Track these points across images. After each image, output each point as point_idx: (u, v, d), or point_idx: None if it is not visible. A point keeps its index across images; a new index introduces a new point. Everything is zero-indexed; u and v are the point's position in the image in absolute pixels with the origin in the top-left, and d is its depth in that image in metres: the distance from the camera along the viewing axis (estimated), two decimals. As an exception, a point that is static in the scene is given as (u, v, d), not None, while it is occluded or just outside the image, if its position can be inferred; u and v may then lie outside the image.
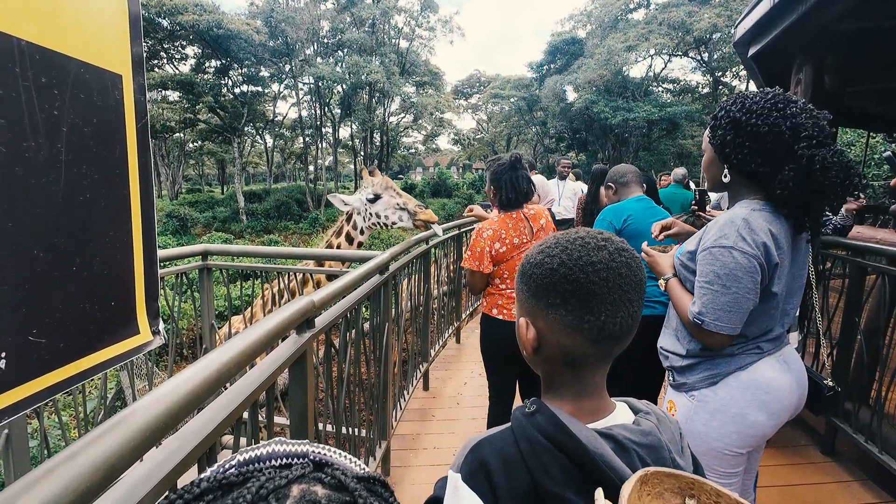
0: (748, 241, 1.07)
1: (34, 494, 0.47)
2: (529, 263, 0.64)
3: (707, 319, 1.10)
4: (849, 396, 2.30)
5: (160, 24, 19.83)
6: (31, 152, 0.47)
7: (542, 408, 0.59)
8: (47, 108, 0.48)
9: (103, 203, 0.57)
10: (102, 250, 0.58)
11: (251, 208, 21.95)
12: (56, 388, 0.54)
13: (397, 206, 3.30)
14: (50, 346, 0.51)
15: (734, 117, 1.10)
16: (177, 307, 2.55)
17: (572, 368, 0.62)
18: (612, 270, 0.58)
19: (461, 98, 35.40)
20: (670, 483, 0.45)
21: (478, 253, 1.97)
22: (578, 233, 0.63)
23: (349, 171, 33.71)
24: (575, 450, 0.54)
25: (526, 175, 2.06)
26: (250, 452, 0.35)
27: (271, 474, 0.32)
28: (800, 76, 2.78)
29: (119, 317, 0.63)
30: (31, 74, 0.46)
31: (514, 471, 0.55)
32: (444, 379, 3.57)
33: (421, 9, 26.35)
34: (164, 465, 0.73)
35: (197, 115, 22.80)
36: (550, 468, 0.54)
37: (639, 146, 24.70)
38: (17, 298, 0.47)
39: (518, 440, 0.57)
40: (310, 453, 0.35)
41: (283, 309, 1.18)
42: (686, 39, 22.62)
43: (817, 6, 2.20)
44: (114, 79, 0.58)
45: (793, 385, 1.18)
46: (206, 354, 0.84)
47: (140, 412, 0.64)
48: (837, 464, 2.31)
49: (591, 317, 0.58)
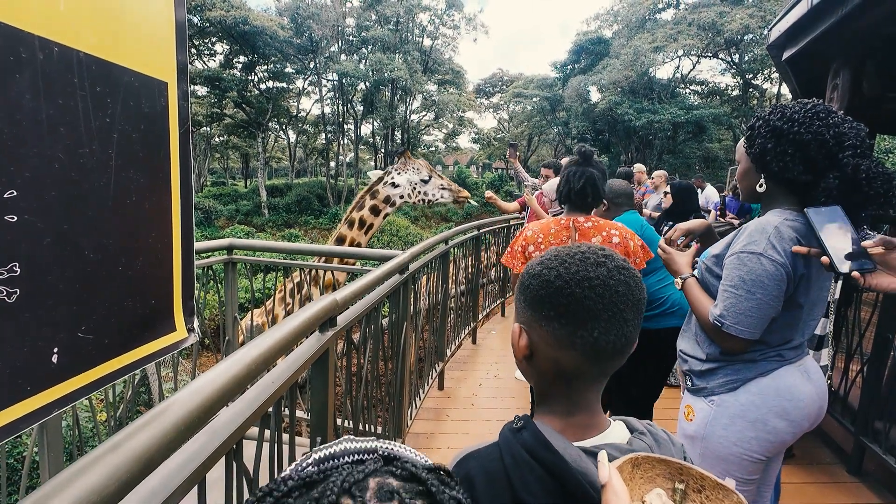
0: (777, 249, 1.07)
1: (82, 482, 0.49)
2: (528, 274, 0.64)
3: (728, 322, 1.11)
4: (880, 415, 2.22)
5: (191, 20, 20.31)
6: (86, 158, 0.49)
7: (528, 424, 0.59)
8: (101, 115, 0.50)
9: (147, 205, 0.60)
10: (145, 251, 0.60)
11: (273, 202, 22.33)
12: (100, 381, 0.56)
13: (442, 187, 3.98)
14: (96, 341, 0.54)
15: (775, 126, 1.10)
16: (202, 299, 2.62)
17: (564, 383, 0.62)
18: (609, 288, 0.58)
19: (483, 97, 35.25)
20: (661, 468, 0.47)
21: (515, 251, 1.90)
22: (581, 247, 0.63)
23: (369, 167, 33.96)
24: (556, 467, 0.54)
25: (591, 177, 1.82)
26: (325, 451, 0.37)
27: (349, 469, 0.34)
28: (836, 81, 2.69)
29: (158, 314, 0.66)
30: (87, 84, 0.48)
31: (496, 485, 0.56)
32: (460, 379, 3.57)
33: (446, 6, 26.33)
34: (195, 458, 0.75)
35: (223, 109, 23.30)
36: (532, 485, 0.54)
37: (663, 149, 24.19)
38: (69, 297, 0.49)
39: (503, 455, 0.57)
40: (379, 449, 0.37)
41: (308, 307, 1.20)
42: (716, 40, 22.02)
43: (859, 8, 2.12)
44: (160, 86, 0.60)
45: (813, 394, 1.18)
46: (236, 351, 0.86)
47: (176, 405, 0.67)
48: (864, 484, 2.24)
49: (584, 332, 0.58)
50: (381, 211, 3.95)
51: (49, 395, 0.48)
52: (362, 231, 3.97)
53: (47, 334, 0.47)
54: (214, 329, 5.54)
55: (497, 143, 34.36)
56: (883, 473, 2.22)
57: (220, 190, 27.32)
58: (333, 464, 0.36)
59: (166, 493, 0.65)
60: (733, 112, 23.65)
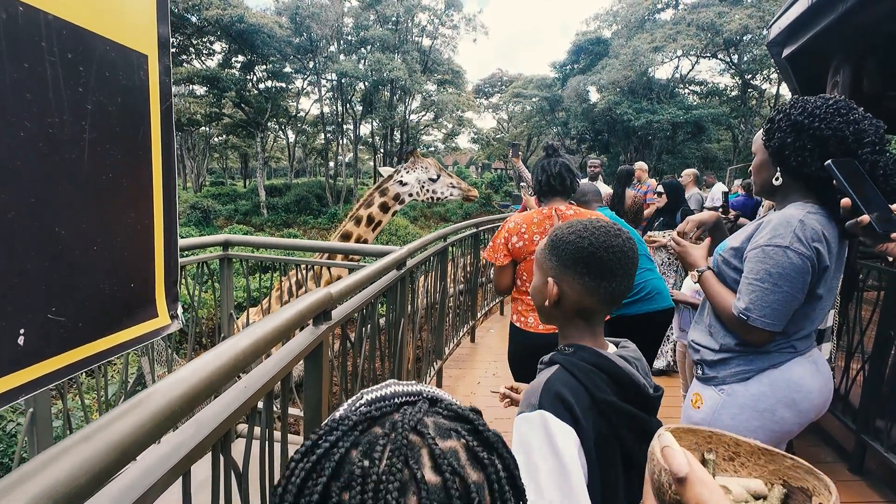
0: (804, 241, 1.08)
1: (51, 471, 0.47)
2: (561, 240, 0.83)
3: (754, 315, 1.12)
4: (881, 413, 2.20)
5: (189, 19, 20.29)
6: (56, 129, 0.47)
7: (577, 346, 0.81)
8: (73, 84, 0.48)
9: (126, 183, 0.57)
10: (123, 231, 0.58)
11: (272, 202, 22.29)
12: (74, 367, 0.53)
13: (451, 185, 4.08)
14: (68, 324, 0.51)
15: (795, 120, 1.10)
16: (197, 296, 2.59)
17: (584, 319, 0.84)
18: (624, 253, 0.80)
19: (482, 97, 35.24)
20: (688, 439, 0.45)
21: (497, 244, 1.92)
22: (600, 222, 0.84)
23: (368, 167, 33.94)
24: (612, 368, 0.77)
25: (563, 163, 1.93)
26: (375, 392, 0.40)
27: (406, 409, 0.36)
28: (837, 78, 2.67)
29: (138, 299, 0.63)
30: (57, 50, 0.45)
31: (578, 393, 0.74)
32: (458, 378, 3.55)
33: (445, 7, 26.32)
34: (180, 449, 0.72)
35: (222, 109, 23.25)
36: (601, 386, 0.75)
37: (662, 149, 24.20)
38: (37, 275, 0.47)
39: (572, 371, 0.77)
40: (423, 392, 0.40)
41: (301, 299, 1.17)
42: (715, 41, 22.04)
43: (860, 4, 2.10)
44: (140, 59, 0.57)
45: (822, 386, 1.20)
46: (224, 341, 0.83)
47: (157, 395, 0.64)
48: (866, 483, 2.21)
49: (606, 283, 0.80)
50: (390, 208, 4.01)
51: (15, 378, 0.45)
52: (370, 228, 3.97)
53: (11, 313, 0.44)
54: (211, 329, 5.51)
55: (496, 143, 34.35)
56: (885, 472, 2.20)
57: (219, 189, 27.28)
58: (385, 405, 0.37)
59: (146, 486, 0.62)
60: (732, 112, 23.68)
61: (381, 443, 0.33)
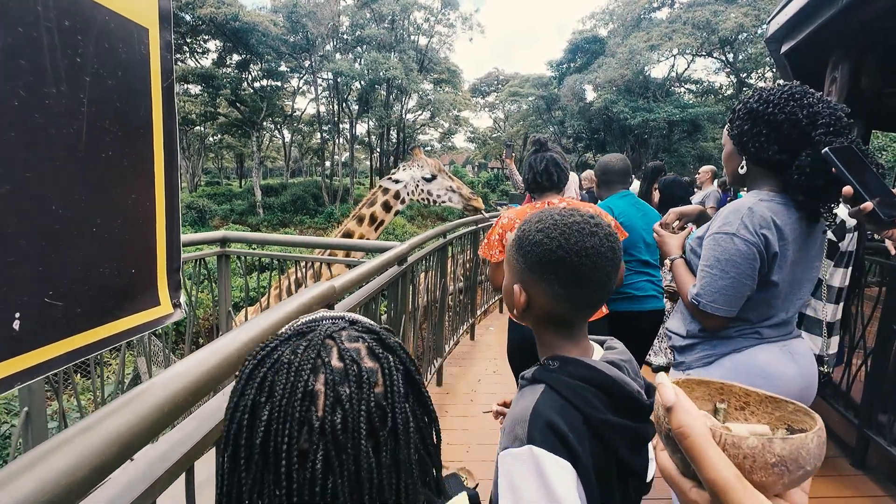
0: (749, 228, 1.10)
1: (50, 464, 0.44)
2: (528, 240, 0.72)
3: (704, 301, 1.15)
4: (883, 408, 2.19)
5: (183, 18, 20.14)
6: (52, 99, 0.44)
7: (562, 359, 0.70)
8: (70, 53, 0.45)
9: (126, 162, 0.54)
10: (124, 213, 0.55)
11: (268, 202, 22.20)
12: (73, 355, 0.51)
13: (449, 189, 3.80)
14: (67, 309, 0.48)
15: (751, 108, 1.13)
16: (194, 295, 2.56)
17: (560, 325, 0.74)
18: (601, 255, 0.69)
19: (479, 96, 35.23)
20: (700, 391, 0.45)
21: (492, 240, 1.89)
22: (573, 216, 0.71)
23: (365, 167, 33.88)
24: (604, 381, 0.67)
25: (552, 157, 1.90)
26: (308, 317, 0.51)
27: (328, 324, 0.48)
28: (835, 74, 2.66)
29: (139, 285, 0.60)
30: (53, 15, 0.43)
31: (571, 416, 0.65)
32: (458, 375, 3.52)
33: (441, 6, 26.27)
34: (180, 446, 0.70)
35: (217, 108, 23.11)
36: (593, 402, 0.66)
37: (658, 147, 24.27)
38: (32, 254, 0.44)
39: (560, 391, 0.67)
40: (346, 316, 0.51)
41: (305, 292, 1.15)
42: (711, 39, 22.14)
43: (859, 0, 2.09)
44: (140, 32, 0.54)
45: (795, 375, 1.19)
46: (226, 334, 0.81)
47: (156, 388, 0.61)
48: (869, 477, 2.21)
49: (579, 290, 0.70)
50: (392, 207, 3.90)
51: (11, 365, 0.42)
52: (372, 227, 3.91)
53: (6, 296, 0.41)
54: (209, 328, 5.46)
55: (493, 142, 34.37)
56: (887, 466, 2.20)
57: (215, 189, 27.15)
58: (314, 324, 0.49)
59: (149, 481, 0.59)
60: (728, 111, 23.75)
61: (303, 344, 0.45)
